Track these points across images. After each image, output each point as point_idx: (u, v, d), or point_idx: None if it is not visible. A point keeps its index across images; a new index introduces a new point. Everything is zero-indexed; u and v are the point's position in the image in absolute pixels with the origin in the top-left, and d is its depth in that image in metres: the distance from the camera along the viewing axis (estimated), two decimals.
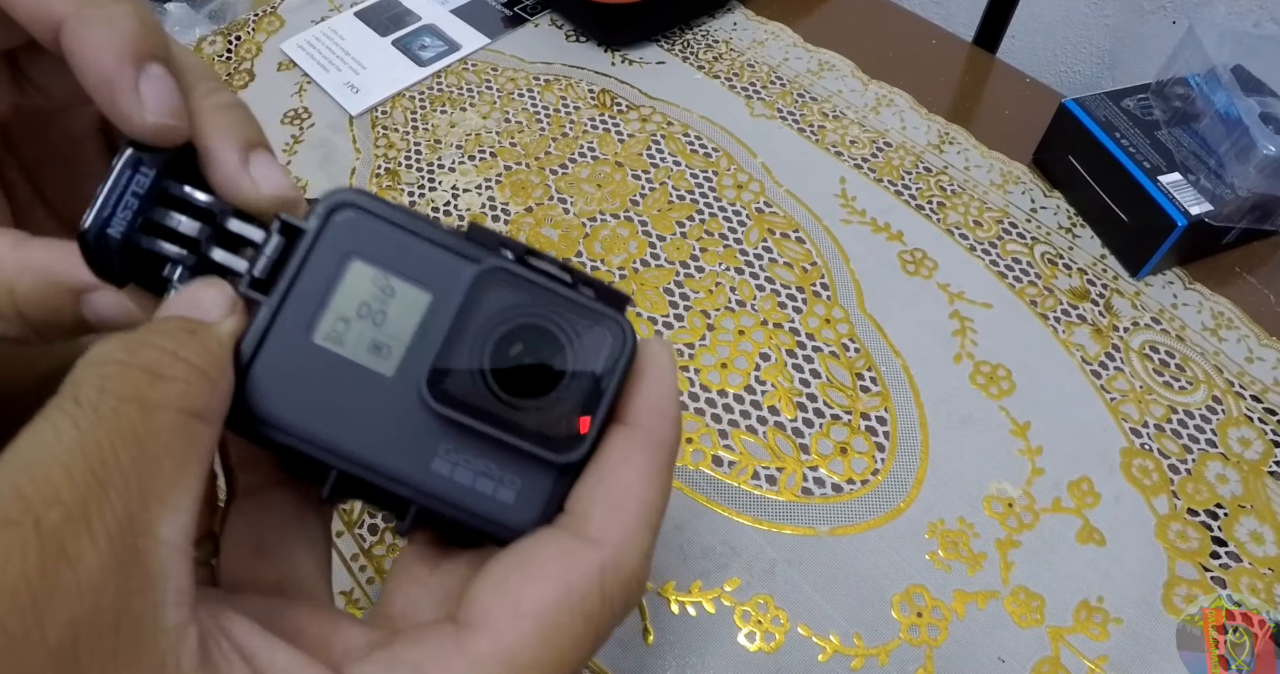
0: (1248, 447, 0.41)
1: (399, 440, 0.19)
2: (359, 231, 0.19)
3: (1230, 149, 0.45)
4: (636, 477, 0.18)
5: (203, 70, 0.20)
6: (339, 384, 0.19)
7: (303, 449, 0.19)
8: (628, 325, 0.19)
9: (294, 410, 0.19)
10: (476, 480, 0.19)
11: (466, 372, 0.18)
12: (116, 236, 0.18)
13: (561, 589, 0.17)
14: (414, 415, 0.19)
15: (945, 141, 0.55)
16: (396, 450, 0.19)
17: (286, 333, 0.19)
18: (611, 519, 0.18)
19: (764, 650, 0.36)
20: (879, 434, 0.42)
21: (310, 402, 0.19)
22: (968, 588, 0.37)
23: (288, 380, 0.19)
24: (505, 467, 0.19)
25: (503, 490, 0.19)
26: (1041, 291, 0.47)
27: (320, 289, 0.19)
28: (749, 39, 0.62)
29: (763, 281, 0.48)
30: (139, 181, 0.18)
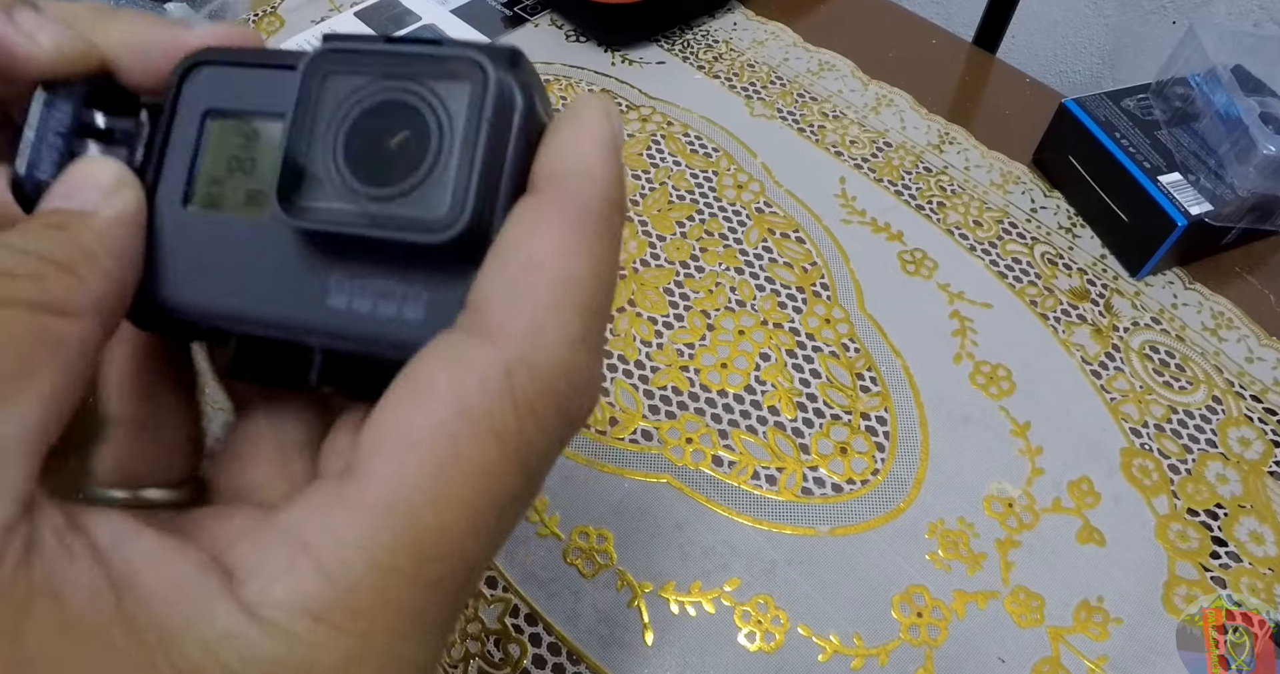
0: (1248, 447, 0.41)
1: (288, 286, 0.17)
2: (214, 87, 0.18)
3: (1230, 149, 0.45)
4: (548, 250, 0.14)
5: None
6: (224, 248, 0.17)
7: (201, 325, 0.17)
8: (488, 62, 0.15)
9: (186, 290, 0.17)
10: (377, 305, 0.16)
11: (322, 175, 0.16)
12: (46, 178, 0.17)
13: (454, 405, 0.13)
14: (291, 248, 0.17)
15: (945, 141, 0.55)
16: (287, 297, 0.17)
17: (165, 213, 0.18)
18: (514, 306, 0.14)
19: (764, 650, 0.36)
20: (879, 434, 0.42)
21: (200, 276, 0.17)
22: (968, 588, 0.37)
23: (176, 261, 0.17)
24: (404, 279, 0.16)
25: (409, 307, 0.16)
26: (1041, 291, 0.47)
27: (186, 158, 0.18)
28: (749, 39, 0.62)
29: (763, 281, 0.48)
30: (57, 119, 0.18)
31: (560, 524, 0.39)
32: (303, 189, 0.16)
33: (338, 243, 0.16)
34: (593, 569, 0.38)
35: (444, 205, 0.15)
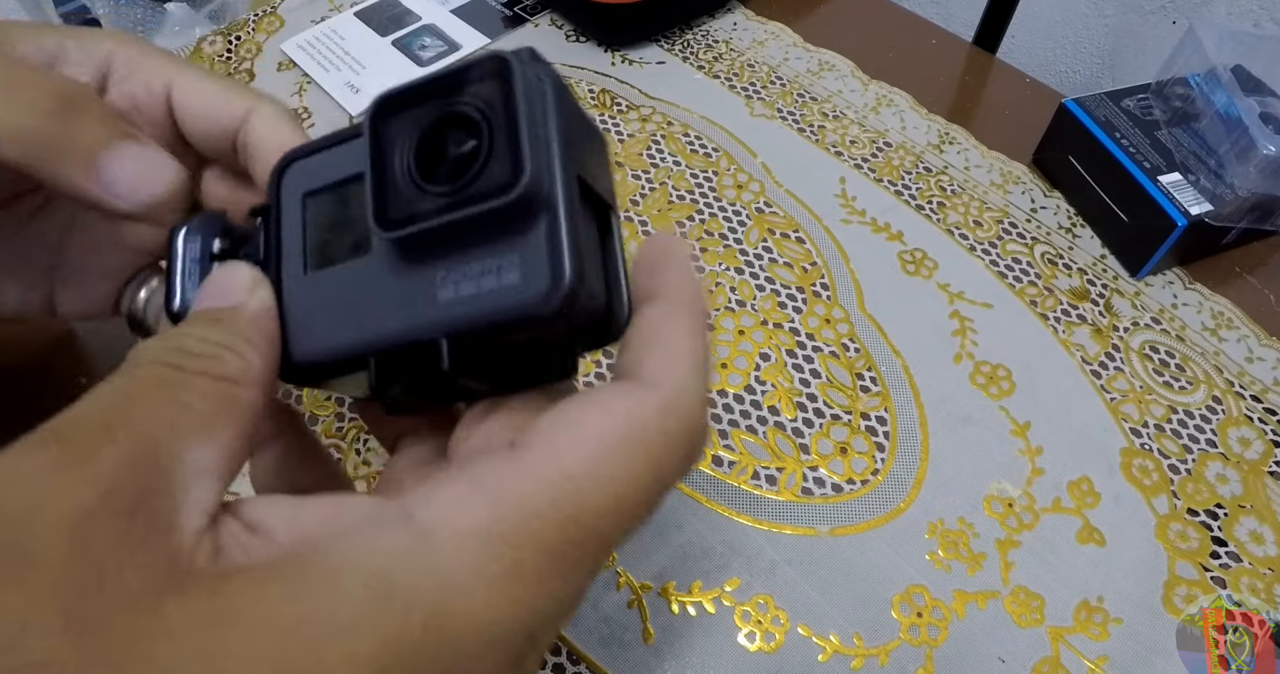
0: (1248, 447, 0.41)
1: (402, 299, 0.19)
2: (304, 176, 0.21)
3: (1230, 149, 0.45)
4: (682, 332, 0.19)
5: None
6: (344, 293, 0.20)
7: (337, 362, 0.19)
8: (507, 54, 0.18)
9: (321, 338, 0.20)
10: (480, 282, 0.18)
11: (402, 191, 0.18)
12: (193, 299, 0.21)
13: (622, 419, 0.17)
14: (398, 269, 0.19)
15: (945, 141, 0.55)
16: (405, 308, 0.19)
17: (292, 285, 0.20)
18: (664, 367, 0.18)
19: (764, 650, 0.36)
20: (879, 434, 0.42)
21: (330, 322, 0.20)
22: (968, 588, 0.37)
23: (311, 319, 0.20)
24: (495, 253, 0.18)
25: (506, 274, 0.18)
26: (1041, 291, 0.47)
27: (298, 235, 0.21)
28: (749, 39, 0.62)
29: (763, 281, 0.48)
30: (192, 251, 0.21)
31: None
32: (390, 206, 0.18)
33: (431, 243, 0.18)
34: None
35: (506, 172, 0.17)
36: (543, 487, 0.16)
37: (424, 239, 0.18)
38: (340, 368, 0.20)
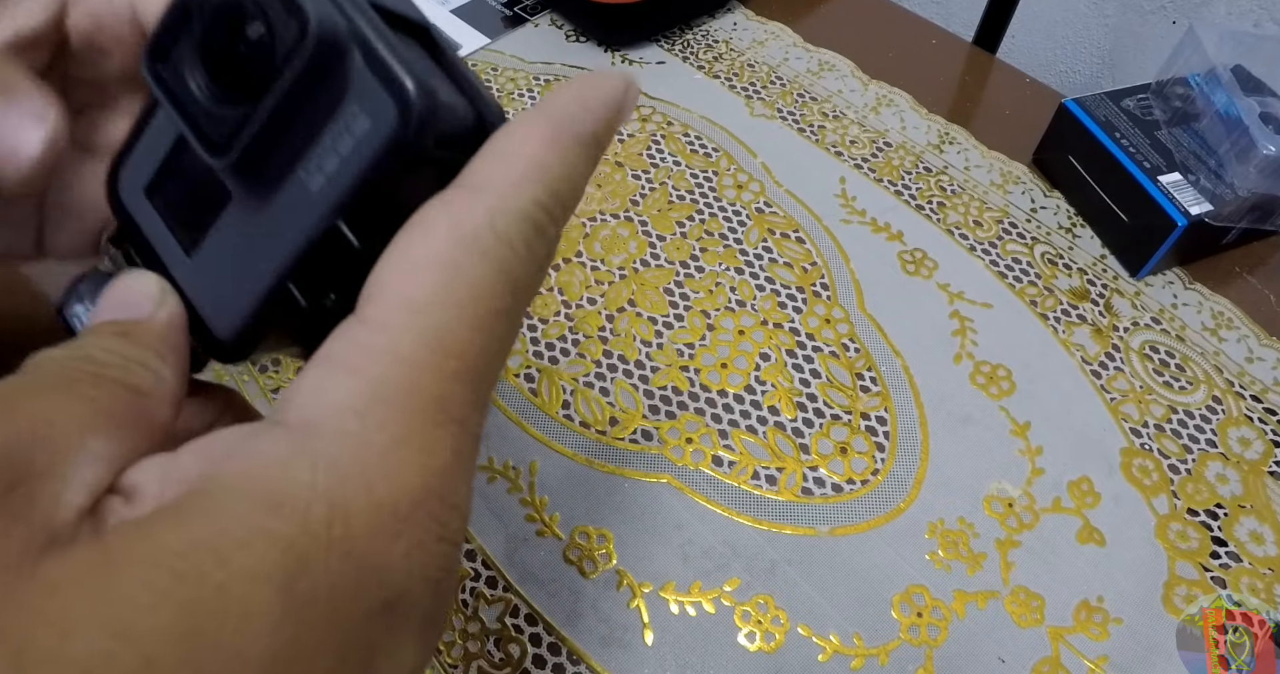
0: (1248, 447, 0.41)
1: (283, 216, 0.18)
2: (134, 172, 0.20)
3: (1230, 149, 0.45)
4: (533, 139, 0.17)
5: None
6: (230, 248, 0.19)
7: (262, 313, 0.19)
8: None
9: (236, 301, 0.19)
10: (339, 149, 0.17)
11: (214, 112, 0.17)
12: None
13: (447, 232, 0.16)
14: (261, 192, 0.18)
15: (945, 141, 0.55)
16: (289, 221, 0.18)
17: (183, 274, 0.20)
18: (493, 169, 0.17)
19: (764, 650, 0.36)
20: (879, 434, 0.42)
21: (236, 281, 0.19)
22: (968, 588, 0.37)
23: (216, 293, 0.19)
24: (336, 116, 0.17)
25: (356, 126, 0.17)
26: (1041, 291, 0.47)
27: (161, 228, 0.20)
28: (749, 39, 0.62)
29: (763, 281, 0.48)
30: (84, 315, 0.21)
31: (560, 524, 0.39)
32: (210, 132, 0.17)
33: (274, 146, 0.17)
34: (593, 569, 0.38)
35: (294, 32, 0.16)
36: (395, 334, 0.15)
37: (263, 146, 0.17)
38: (268, 318, 0.19)
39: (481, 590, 0.37)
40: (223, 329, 0.19)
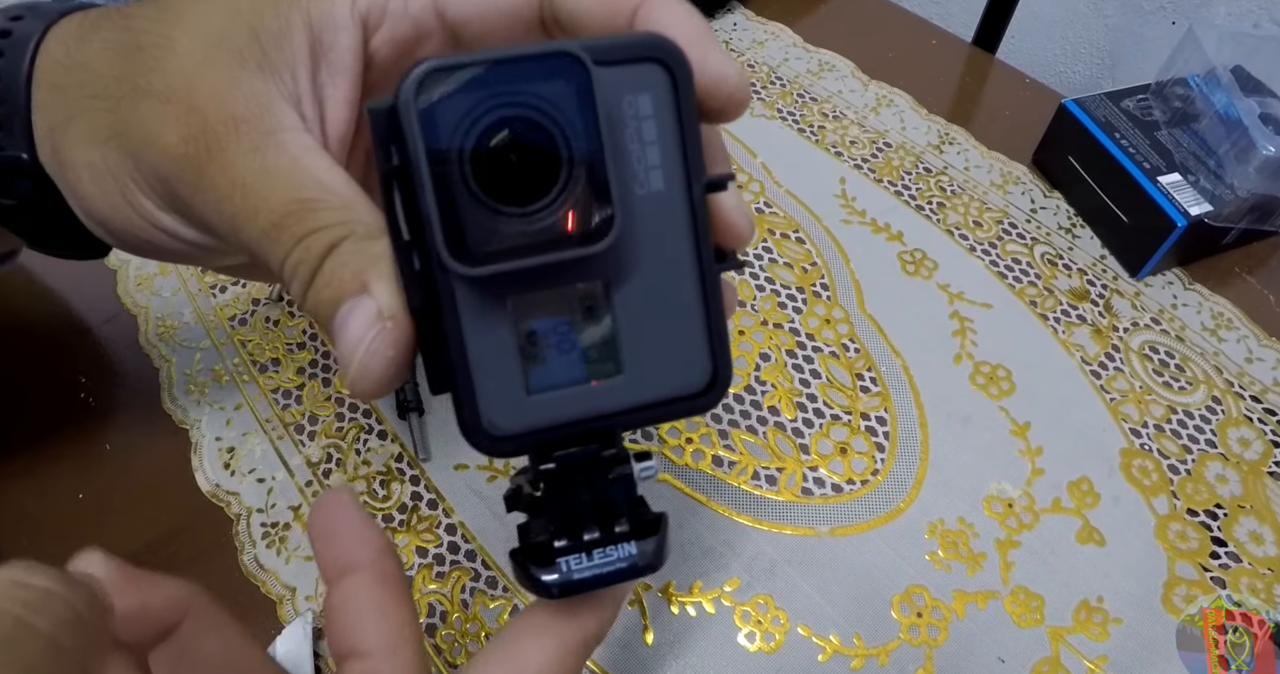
0: (1247, 447, 0.41)
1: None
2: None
3: (1230, 149, 0.45)
4: (586, 603, 0.21)
5: None
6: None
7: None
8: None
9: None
10: (642, 133, 0.18)
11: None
12: None
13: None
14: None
15: (945, 142, 0.55)
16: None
17: None
18: (543, 643, 0.20)
19: (764, 650, 0.36)
20: (879, 434, 0.42)
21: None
22: (968, 588, 0.37)
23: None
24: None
25: (641, 105, 0.17)
26: (1041, 292, 0.47)
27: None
28: (749, 39, 0.62)
29: (763, 282, 0.48)
30: None
31: None
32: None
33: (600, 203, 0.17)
34: None
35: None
36: None
37: (598, 200, 0.17)
38: (721, 322, 0.19)
39: (482, 590, 0.37)
40: (702, 375, 0.19)
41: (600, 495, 0.19)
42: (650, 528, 0.19)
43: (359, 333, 0.18)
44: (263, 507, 0.40)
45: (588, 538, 0.19)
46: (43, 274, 0.49)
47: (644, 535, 0.19)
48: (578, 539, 0.19)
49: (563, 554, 0.19)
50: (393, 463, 0.41)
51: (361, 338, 0.18)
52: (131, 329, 0.47)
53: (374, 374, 0.18)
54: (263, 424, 0.42)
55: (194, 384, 0.44)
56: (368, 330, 0.18)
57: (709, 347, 0.19)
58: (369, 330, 0.18)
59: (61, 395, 0.43)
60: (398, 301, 0.19)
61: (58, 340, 0.46)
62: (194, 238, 0.25)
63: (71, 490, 0.40)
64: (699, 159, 0.18)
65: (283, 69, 0.22)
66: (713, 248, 0.19)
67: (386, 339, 0.18)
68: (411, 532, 0.39)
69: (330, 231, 0.20)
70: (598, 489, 0.19)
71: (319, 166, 0.21)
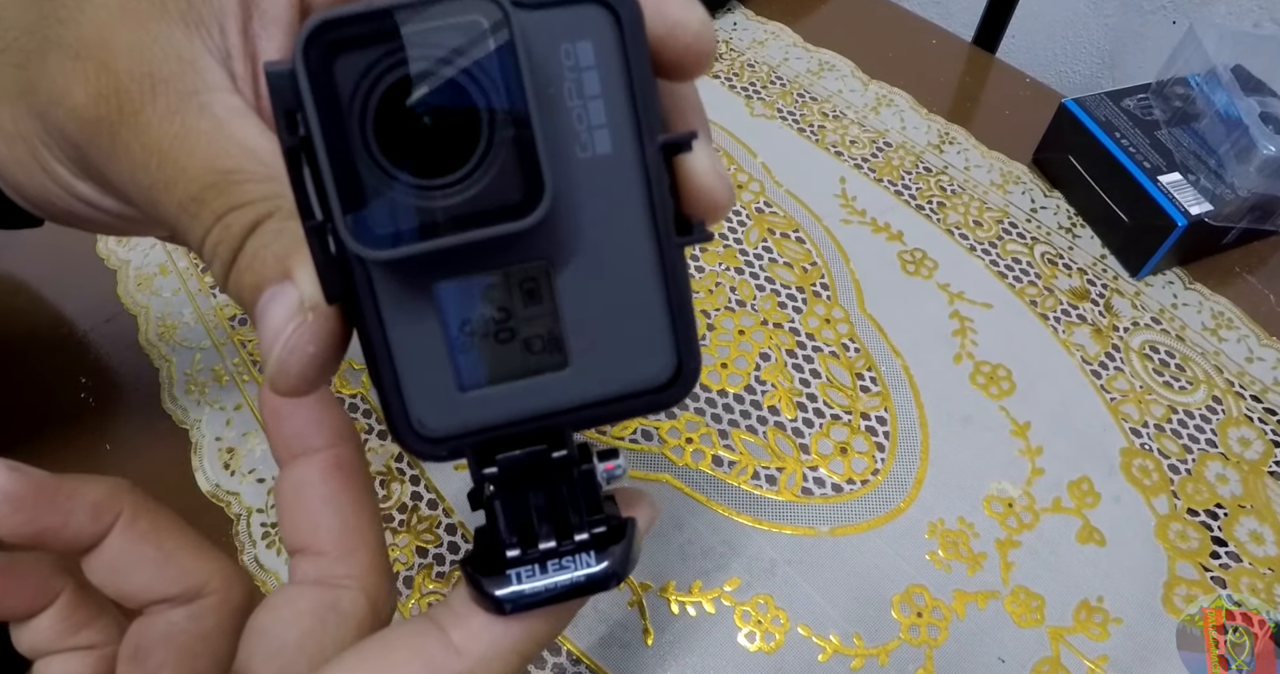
0: (1248, 447, 0.41)
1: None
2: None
3: (1230, 149, 0.45)
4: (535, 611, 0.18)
5: None
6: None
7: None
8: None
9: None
10: (583, 87, 0.15)
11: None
12: None
13: None
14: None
15: (945, 141, 0.55)
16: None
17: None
18: (485, 635, 0.17)
19: (764, 650, 0.36)
20: (879, 434, 0.42)
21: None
22: (968, 588, 0.37)
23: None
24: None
25: (582, 54, 0.15)
26: (1041, 291, 0.47)
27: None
28: (749, 39, 0.62)
29: (763, 281, 0.48)
30: None
31: None
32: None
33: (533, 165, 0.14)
34: None
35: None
36: None
37: (530, 162, 0.14)
38: (683, 298, 0.17)
39: None
40: (664, 367, 0.17)
41: (556, 501, 0.17)
42: (614, 534, 0.17)
43: (278, 325, 0.16)
44: (263, 507, 0.40)
45: (542, 548, 0.17)
46: (43, 274, 0.49)
47: (606, 544, 0.17)
48: (532, 548, 0.17)
49: (514, 565, 0.17)
50: (393, 463, 0.41)
51: (280, 331, 0.16)
52: (131, 329, 0.47)
53: (293, 372, 0.16)
54: (263, 424, 0.42)
55: (194, 384, 0.44)
56: (287, 322, 0.16)
57: (671, 333, 0.17)
58: (289, 322, 0.16)
59: (61, 395, 0.43)
60: (320, 291, 0.16)
61: (58, 340, 0.46)
62: (114, 207, 0.23)
63: None
64: (653, 115, 0.15)
65: (209, 21, 0.20)
66: (673, 218, 0.16)
67: (307, 333, 0.16)
68: (411, 532, 0.39)
69: (253, 208, 0.18)
70: (553, 494, 0.17)
71: (246, 131, 0.19)
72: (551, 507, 0.17)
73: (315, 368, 0.16)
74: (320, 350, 0.16)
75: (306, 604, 0.18)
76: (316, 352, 0.16)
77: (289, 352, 0.16)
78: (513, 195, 0.14)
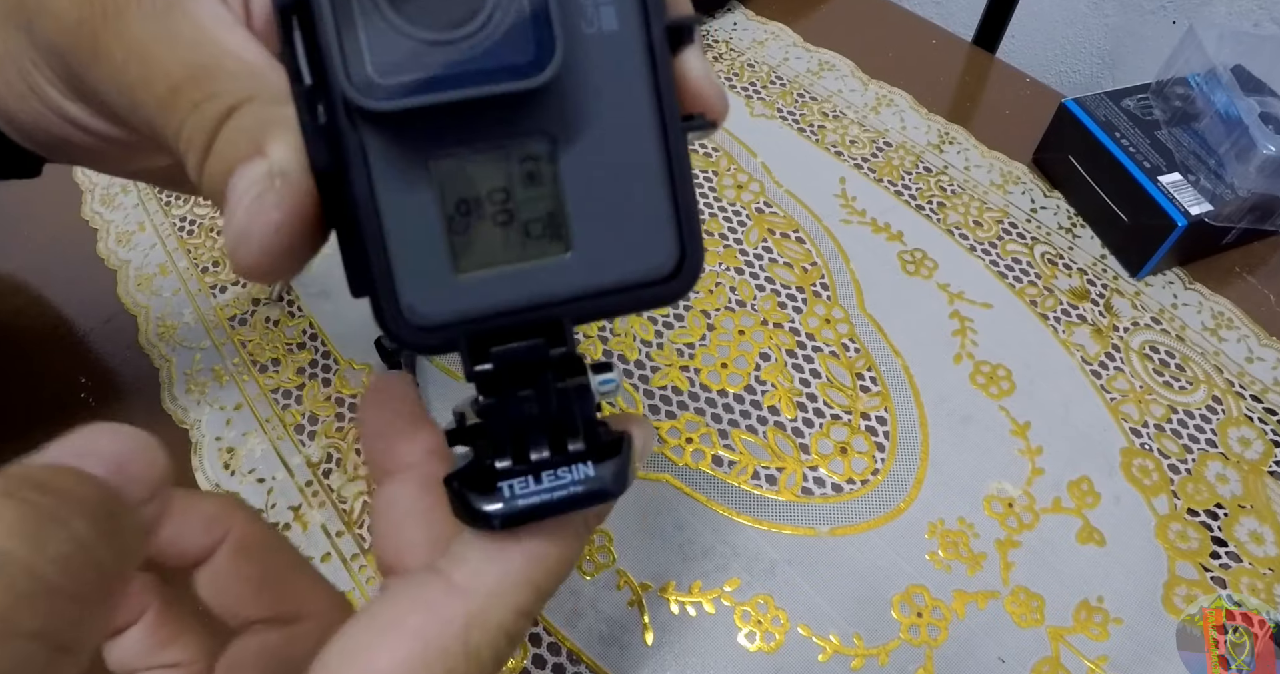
0: (1248, 447, 0.41)
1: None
2: None
3: (1230, 149, 0.45)
4: (532, 529, 0.17)
5: None
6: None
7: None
8: None
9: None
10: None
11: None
12: None
13: (419, 644, 0.15)
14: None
15: (945, 141, 0.55)
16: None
17: None
18: (487, 568, 0.16)
19: (764, 650, 0.36)
20: (879, 434, 0.42)
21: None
22: (968, 588, 0.37)
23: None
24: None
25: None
26: (1041, 291, 0.47)
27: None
28: (749, 39, 0.62)
29: (763, 281, 0.48)
30: None
31: None
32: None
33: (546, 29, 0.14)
34: (593, 569, 0.38)
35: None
36: None
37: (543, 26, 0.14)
38: (688, 188, 0.16)
39: None
40: (667, 256, 0.16)
41: (550, 408, 0.16)
42: (611, 449, 0.16)
43: (242, 195, 0.16)
44: (263, 507, 0.40)
45: (535, 458, 0.16)
46: (43, 274, 0.49)
47: (603, 457, 0.16)
48: (524, 460, 0.16)
49: (506, 477, 0.16)
50: None
51: (244, 195, 0.16)
52: (131, 329, 0.47)
53: (254, 239, 0.15)
54: (263, 424, 0.42)
55: (194, 384, 0.44)
56: (251, 187, 0.16)
57: (675, 221, 0.16)
58: (252, 187, 0.16)
59: (61, 395, 0.43)
60: (295, 161, 0.16)
61: (58, 340, 0.46)
62: (101, 128, 0.23)
63: None
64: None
65: None
66: (677, 103, 0.16)
67: (272, 198, 0.15)
68: None
69: (230, 95, 0.17)
70: (547, 400, 0.16)
71: (229, 36, 0.18)
72: (546, 414, 0.16)
73: (280, 240, 0.15)
74: (285, 219, 0.15)
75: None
76: (282, 219, 0.15)
77: (250, 216, 0.15)
78: (522, 54, 0.14)
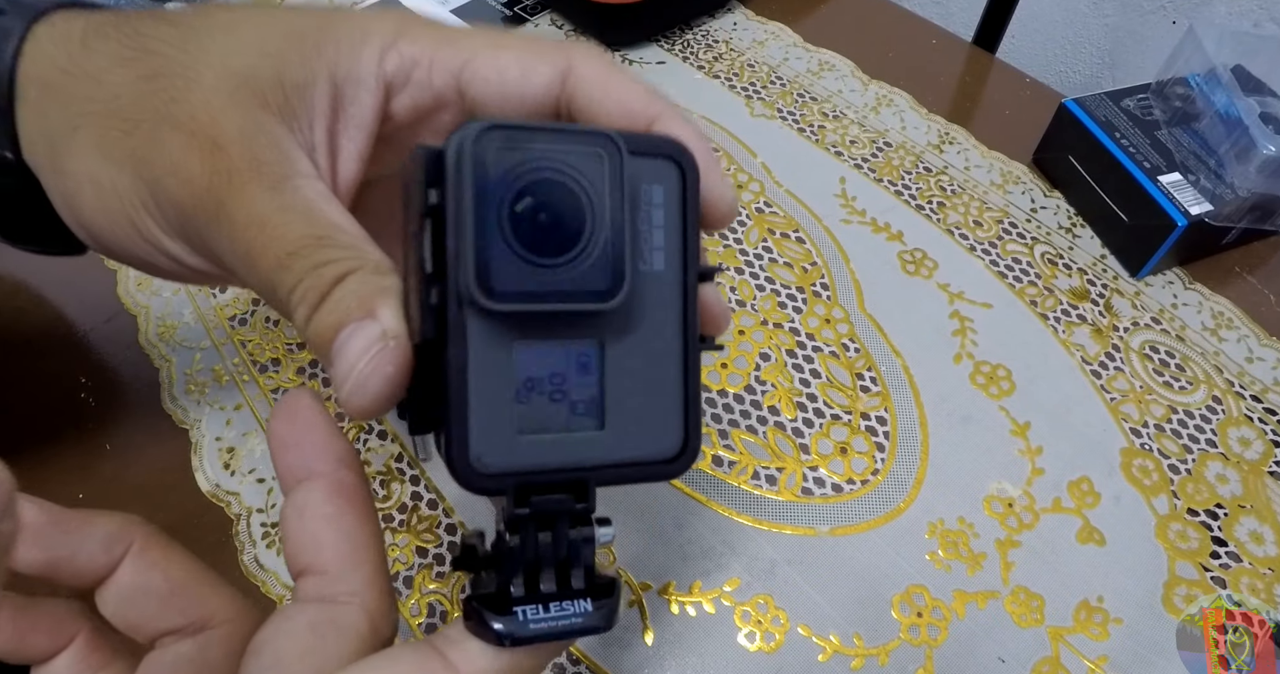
0: (1248, 447, 0.41)
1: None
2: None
3: (1230, 149, 0.45)
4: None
5: None
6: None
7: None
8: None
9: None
10: (652, 217, 0.20)
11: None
12: None
13: None
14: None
15: (945, 141, 0.55)
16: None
17: None
18: (480, 659, 0.18)
19: (764, 650, 0.36)
20: (879, 434, 0.42)
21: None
22: (968, 588, 0.37)
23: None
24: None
25: (655, 194, 0.20)
26: (1041, 291, 0.47)
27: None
28: (749, 39, 0.62)
29: (763, 281, 0.48)
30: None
31: None
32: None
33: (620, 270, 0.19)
34: None
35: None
36: None
37: (619, 266, 0.19)
38: (696, 401, 0.21)
39: None
40: (674, 443, 0.21)
41: (561, 550, 0.20)
42: (605, 589, 0.20)
43: (360, 348, 0.19)
44: (263, 507, 0.40)
45: (545, 590, 0.19)
46: (43, 275, 0.49)
47: (599, 595, 0.20)
48: (535, 590, 0.19)
49: (520, 603, 0.19)
50: (393, 463, 0.41)
51: (364, 353, 0.19)
52: (131, 329, 0.47)
53: (371, 389, 0.19)
54: (263, 424, 0.42)
55: (194, 384, 0.44)
56: (370, 346, 0.19)
57: (684, 417, 0.20)
58: (371, 346, 0.19)
59: (61, 395, 0.43)
60: (402, 327, 0.19)
61: (58, 340, 0.46)
62: (195, 263, 0.25)
63: (71, 490, 0.40)
64: (697, 248, 0.20)
65: (302, 118, 0.23)
66: (699, 328, 0.21)
67: (388, 356, 0.19)
68: (411, 532, 0.39)
69: (342, 264, 0.21)
70: (560, 543, 0.20)
71: (332, 210, 0.22)
72: (558, 553, 0.20)
73: (389, 389, 0.19)
74: (396, 374, 0.19)
75: (305, 620, 0.19)
76: (393, 373, 0.19)
77: (371, 369, 0.19)
78: (601, 283, 0.18)
